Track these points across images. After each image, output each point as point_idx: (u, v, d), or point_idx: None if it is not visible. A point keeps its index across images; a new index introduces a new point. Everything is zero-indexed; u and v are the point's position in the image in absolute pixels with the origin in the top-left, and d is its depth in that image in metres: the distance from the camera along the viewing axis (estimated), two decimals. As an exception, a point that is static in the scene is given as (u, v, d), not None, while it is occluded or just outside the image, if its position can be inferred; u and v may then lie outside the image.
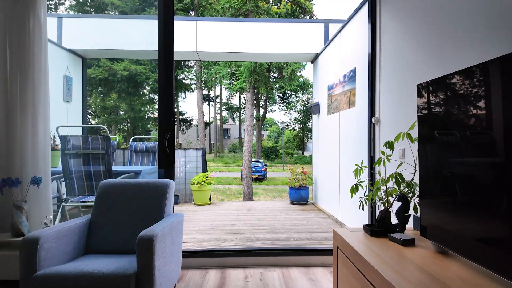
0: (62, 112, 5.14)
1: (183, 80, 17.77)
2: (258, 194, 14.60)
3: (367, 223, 3.34)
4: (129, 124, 21.69)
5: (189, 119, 39.17)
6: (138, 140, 5.80)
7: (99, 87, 12.05)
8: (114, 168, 3.65)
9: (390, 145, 1.86)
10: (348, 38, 4.16)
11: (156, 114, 28.07)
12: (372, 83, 3.16)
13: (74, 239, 1.96)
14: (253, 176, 18.47)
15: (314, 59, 5.87)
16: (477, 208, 1.12)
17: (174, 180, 2.83)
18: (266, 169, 20.38)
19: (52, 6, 15.39)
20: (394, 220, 1.81)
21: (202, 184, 5.66)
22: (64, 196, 3.42)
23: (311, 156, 37.41)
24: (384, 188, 1.82)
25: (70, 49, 5.40)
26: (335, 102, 4.62)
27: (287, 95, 33.48)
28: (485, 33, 1.57)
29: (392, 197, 1.77)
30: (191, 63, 17.27)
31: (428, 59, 2.12)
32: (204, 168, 6.18)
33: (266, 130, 53.39)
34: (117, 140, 5.61)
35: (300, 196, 5.65)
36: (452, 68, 1.78)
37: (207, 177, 5.79)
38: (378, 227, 1.76)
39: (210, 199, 6.48)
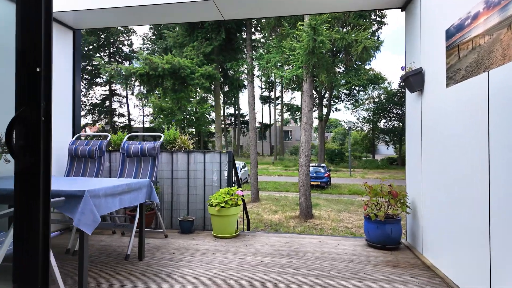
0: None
1: (235, 77, 16.22)
2: (319, 206, 12.05)
3: None
4: (184, 126, 21.06)
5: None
6: (136, 138, 4.13)
7: (142, 83, 11.08)
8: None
9: None
10: None
11: (213, 115, 27.10)
12: None
13: None
14: (313, 183, 15.83)
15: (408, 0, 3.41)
16: None
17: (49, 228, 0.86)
18: (329, 174, 17.51)
19: None
20: None
21: (223, 207, 3.65)
22: None
23: (383, 160, 32.93)
24: None
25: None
26: (472, 53, 2.17)
27: (355, 91, 29.71)
28: None
29: None
30: (244, 55, 15.63)
31: None
32: (231, 182, 4.17)
33: (330, 132, 49.56)
34: (108, 138, 3.88)
35: (386, 235, 3.24)
36: None
37: (232, 195, 3.77)
38: None
39: (248, 227, 4.44)
